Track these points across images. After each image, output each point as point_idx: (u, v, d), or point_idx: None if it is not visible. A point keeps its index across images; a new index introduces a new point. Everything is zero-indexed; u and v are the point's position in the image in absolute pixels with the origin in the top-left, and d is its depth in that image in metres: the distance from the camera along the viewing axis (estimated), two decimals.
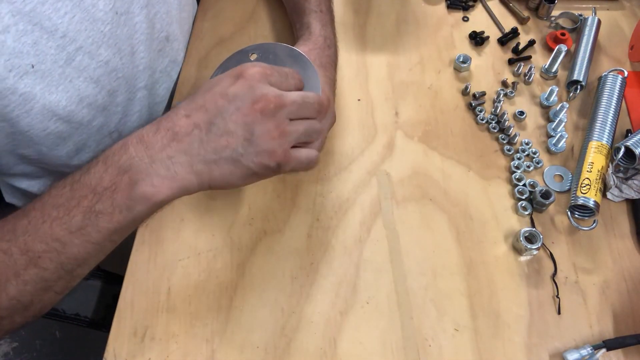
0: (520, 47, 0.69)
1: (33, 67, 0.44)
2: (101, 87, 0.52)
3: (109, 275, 0.78)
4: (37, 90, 0.46)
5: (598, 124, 0.58)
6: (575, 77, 0.63)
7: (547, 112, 0.63)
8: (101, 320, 0.77)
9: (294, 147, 0.44)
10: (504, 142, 0.61)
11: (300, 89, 0.46)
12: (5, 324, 0.43)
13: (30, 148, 0.51)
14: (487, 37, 0.70)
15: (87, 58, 0.49)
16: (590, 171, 0.55)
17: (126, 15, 0.52)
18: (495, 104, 0.62)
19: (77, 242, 0.40)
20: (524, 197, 0.56)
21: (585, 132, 0.60)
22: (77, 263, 0.41)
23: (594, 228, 0.54)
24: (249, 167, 0.42)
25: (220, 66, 0.51)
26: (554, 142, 0.60)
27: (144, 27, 0.55)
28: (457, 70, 0.67)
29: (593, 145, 0.57)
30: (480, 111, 0.63)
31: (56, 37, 0.46)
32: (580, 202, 0.53)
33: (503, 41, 0.70)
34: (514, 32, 0.70)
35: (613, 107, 0.59)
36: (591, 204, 0.53)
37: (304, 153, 0.45)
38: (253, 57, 0.50)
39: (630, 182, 0.56)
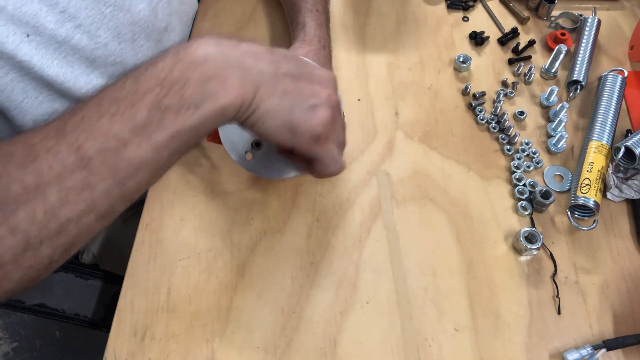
0: (520, 47, 0.69)
1: (28, 36, 0.44)
2: (97, 69, 0.52)
3: (109, 275, 0.78)
4: (35, 60, 0.46)
5: (598, 124, 0.58)
6: (575, 77, 0.63)
7: (547, 112, 0.63)
8: (101, 320, 0.77)
9: None
10: (504, 142, 0.61)
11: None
12: (28, 257, 0.35)
13: (24, 126, 0.50)
14: (487, 37, 0.70)
15: (85, 38, 0.49)
16: (590, 171, 0.55)
17: (130, 1, 0.53)
18: (495, 104, 0.62)
19: (137, 142, 0.36)
20: (524, 197, 0.56)
21: (585, 132, 0.60)
22: (130, 171, 0.37)
23: (594, 228, 0.54)
24: (293, 120, 0.40)
25: None
26: (554, 142, 0.60)
27: (146, 15, 0.55)
28: (457, 70, 0.67)
29: (593, 145, 0.57)
30: (480, 111, 0.63)
31: (55, 12, 0.45)
32: (580, 202, 0.53)
33: (503, 41, 0.70)
34: (514, 32, 0.70)
35: (613, 107, 0.59)
36: (591, 204, 0.53)
37: (338, 152, 0.45)
38: None
39: (630, 182, 0.56)
